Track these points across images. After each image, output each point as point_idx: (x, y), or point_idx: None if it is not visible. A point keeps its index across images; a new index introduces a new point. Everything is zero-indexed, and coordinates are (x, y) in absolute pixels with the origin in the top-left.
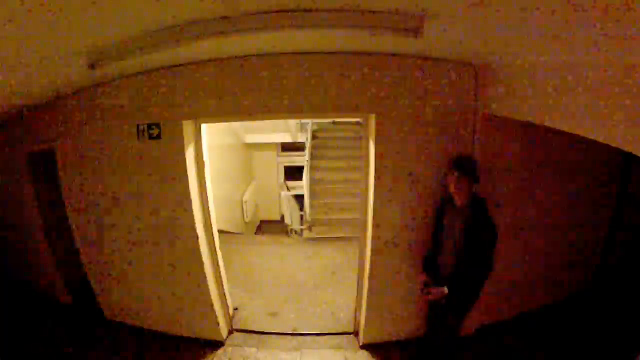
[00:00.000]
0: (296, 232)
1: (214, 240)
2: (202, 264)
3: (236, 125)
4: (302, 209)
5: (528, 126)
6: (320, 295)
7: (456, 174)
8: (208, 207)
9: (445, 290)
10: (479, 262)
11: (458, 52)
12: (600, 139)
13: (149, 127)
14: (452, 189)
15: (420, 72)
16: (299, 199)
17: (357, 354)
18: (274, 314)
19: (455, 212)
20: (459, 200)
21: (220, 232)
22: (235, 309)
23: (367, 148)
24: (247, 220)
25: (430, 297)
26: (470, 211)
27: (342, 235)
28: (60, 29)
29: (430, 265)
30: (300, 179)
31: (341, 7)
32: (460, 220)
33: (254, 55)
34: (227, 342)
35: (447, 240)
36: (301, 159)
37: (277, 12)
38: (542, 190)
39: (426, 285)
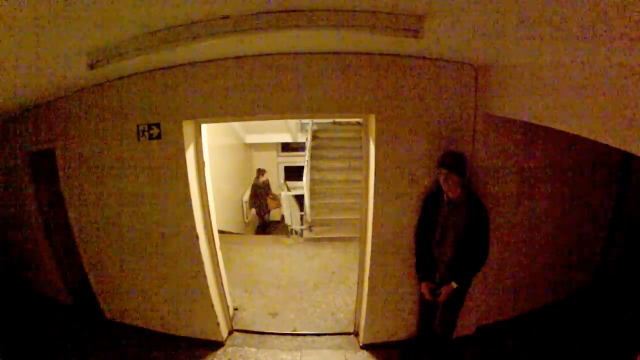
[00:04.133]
0: (296, 232)
1: (214, 240)
2: (202, 264)
3: (236, 125)
4: (302, 209)
5: (528, 126)
6: (320, 295)
7: (443, 171)
8: (208, 207)
9: (454, 284)
10: (481, 249)
11: (458, 52)
12: (600, 139)
13: (149, 127)
14: (442, 185)
15: (420, 72)
16: (299, 199)
17: (357, 354)
18: (274, 314)
19: (452, 206)
20: (452, 195)
21: (220, 232)
22: (235, 309)
23: (367, 148)
24: (247, 220)
25: (442, 298)
26: (468, 204)
27: (342, 235)
28: (60, 29)
29: (428, 270)
30: (300, 179)
31: (341, 7)
32: (460, 213)
33: (254, 55)
34: (227, 342)
35: (445, 233)
36: (301, 159)
37: (277, 12)
38: (542, 190)
39: (432, 290)
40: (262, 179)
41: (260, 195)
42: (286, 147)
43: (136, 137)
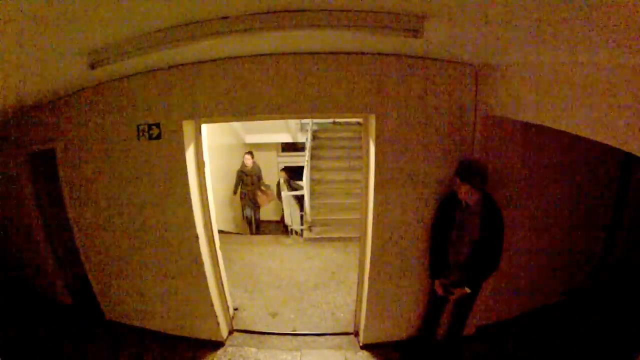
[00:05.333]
0: (296, 232)
1: (214, 240)
2: (202, 264)
3: (236, 125)
4: (302, 209)
5: (528, 126)
6: (320, 295)
7: (457, 180)
8: (208, 207)
9: (467, 289)
10: (495, 253)
11: (458, 52)
12: (600, 139)
13: (149, 127)
14: (458, 193)
15: (420, 72)
16: (299, 199)
17: (357, 354)
18: (273, 314)
19: (468, 209)
20: (469, 201)
21: (220, 232)
22: (235, 309)
23: (367, 148)
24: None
25: (453, 297)
26: (484, 207)
27: (342, 235)
28: (60, 29)
29: (442, 268)
30: (300, 179)
31: (341, 7)
32: (475, 216)
33: (254, 55)
34: (227, 342)
35: (460, 234)
36: (301, 159)
37: (277, 12)
38: (542, 190)
39: (445, 286)
40: (249, 163)
41: (247, 185)
42: (286, 147)
43: (136, 137)
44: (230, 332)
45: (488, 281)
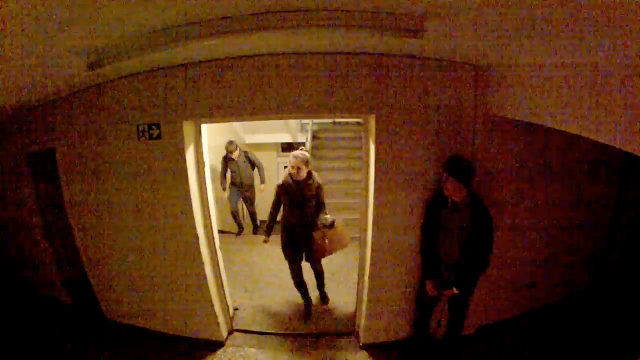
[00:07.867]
0: None
1: (214, 240)
2: (202, 264)
3: (236, 125)
4: None
5: (528, 126)
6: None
7: (444, 175)
8: (208, 207)
9: (455, 290)
10: (484, 252)
11: (458, 52)
12: (600, 139)
13: (149, 127)
14: (443, 189)
15: (420, 72)
16: None
17: (357, 354)
18: (274, 314)
19: (455, 208)
20: (455, 198)
21: (221, 232)
22: (235, 309)
23: (367, 148)
24: (247, 220)
25: (445, 298)
26: (472, 207)
27: None
28: (61, 29)
29: (435, 268)
30: None
31: (341, 7)
32: (463, 216)
33: (254, 55)
34: (227, 342)
35: (449, 234)
36: None
37: (277, 12)
38: (542, 190)
39: (437, 287)
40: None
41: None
42: (286, 147)
43: (136, 137)
44: (230, 332)
45: (489, 281)
